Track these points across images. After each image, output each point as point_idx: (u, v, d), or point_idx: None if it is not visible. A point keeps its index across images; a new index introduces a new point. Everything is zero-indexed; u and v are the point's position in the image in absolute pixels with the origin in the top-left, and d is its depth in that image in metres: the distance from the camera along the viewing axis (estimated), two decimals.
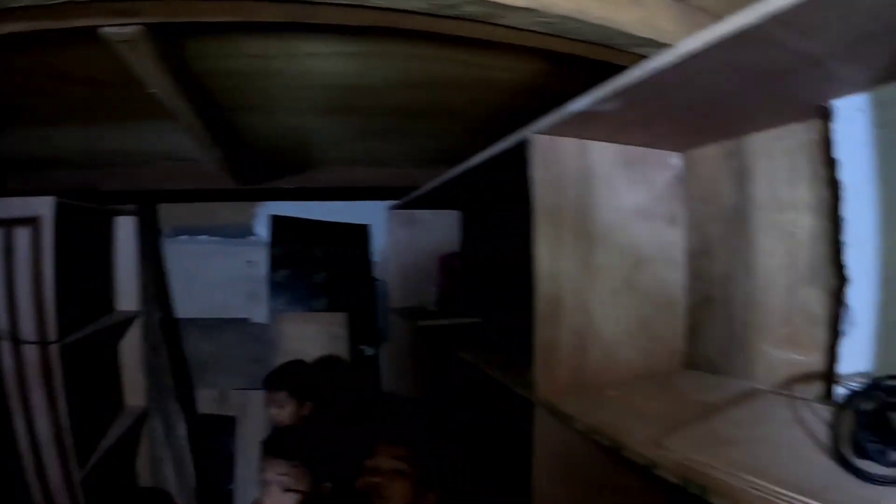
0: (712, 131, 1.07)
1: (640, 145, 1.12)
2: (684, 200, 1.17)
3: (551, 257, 0.99)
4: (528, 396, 1.01)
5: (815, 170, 0.91)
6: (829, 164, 0.85)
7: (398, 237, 2.63)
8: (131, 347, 2.78)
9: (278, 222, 2.84)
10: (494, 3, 0.80)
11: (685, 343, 1.15)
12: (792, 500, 0.53)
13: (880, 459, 0.59)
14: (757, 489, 0.56)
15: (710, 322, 1.11)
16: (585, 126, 0.97)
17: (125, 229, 2.69)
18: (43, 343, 1.92)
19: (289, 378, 2.18)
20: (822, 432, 0.71)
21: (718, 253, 1.10)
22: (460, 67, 1.24)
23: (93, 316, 2.36)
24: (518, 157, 1.07)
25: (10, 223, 1.95)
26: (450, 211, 2.66)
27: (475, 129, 1.60)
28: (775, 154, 0.99)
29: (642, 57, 0.87)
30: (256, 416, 2.91)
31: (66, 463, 2.01)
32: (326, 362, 2.54)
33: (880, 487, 0.56)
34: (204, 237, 2.89)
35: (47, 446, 1.97)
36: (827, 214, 0.89)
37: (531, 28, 0.88)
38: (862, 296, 0.82)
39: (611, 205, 1.06)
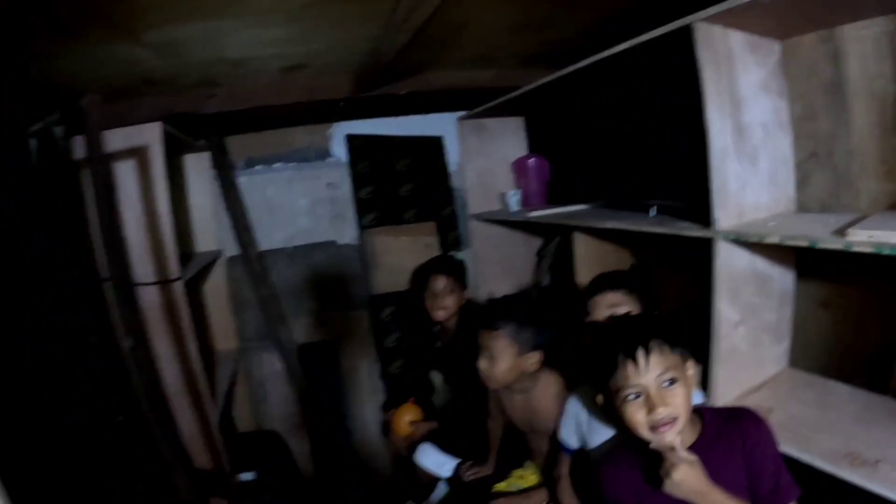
0: (808, 24, 1.36)
1: (755, 34, 1.39)
2: (787, 77, 1.47)
3: (718, 115, 1.29)
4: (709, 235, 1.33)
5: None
6: None
7: (470, 145, 2.75)
8: (216, 289, 2.61)
9: (355, 141, 2.78)
10: None
11: (796, 191, 1.49)
12: None
13: None
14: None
15: (817, 171, 1.46)
16: (731, 14, 1.20)
17: (197, 166, 2.55)
18: (165, 281, 1.79)
19: (448, 264, 2.20)
20: None
21: (822, 116, 1.43)
22: None
23: (184, 256, 2.03)
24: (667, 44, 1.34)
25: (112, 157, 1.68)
26: (514, 118, 2.78)
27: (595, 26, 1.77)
28: (864, 39, 1.30)
29: None
30: (358, 335, 2.87)
31: (201, 406, 1.88)
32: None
33: None
34: (279, 165, 2.78)
35: (177, 392, 1.82)
36: None
37: None
38: None
39: (746, 80, 1.36)
